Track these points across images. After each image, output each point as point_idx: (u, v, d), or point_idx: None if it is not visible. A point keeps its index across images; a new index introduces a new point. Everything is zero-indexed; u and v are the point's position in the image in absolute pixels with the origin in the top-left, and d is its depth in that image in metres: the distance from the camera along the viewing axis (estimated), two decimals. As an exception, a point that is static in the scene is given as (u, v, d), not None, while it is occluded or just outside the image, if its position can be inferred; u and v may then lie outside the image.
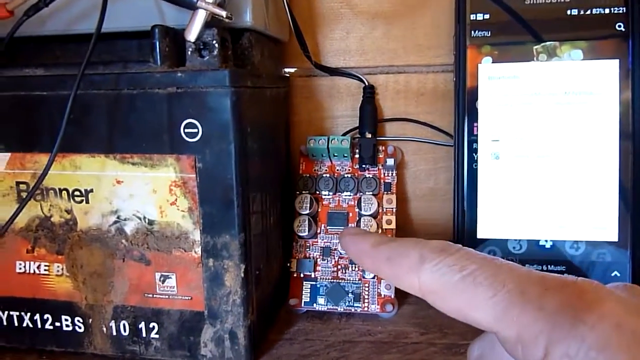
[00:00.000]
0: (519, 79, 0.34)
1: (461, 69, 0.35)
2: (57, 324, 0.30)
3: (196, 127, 0.26)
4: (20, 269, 0.30)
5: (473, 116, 0.35)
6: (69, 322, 0.30)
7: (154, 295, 0.29)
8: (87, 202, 0.28)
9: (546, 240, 0.34)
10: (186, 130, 0.26)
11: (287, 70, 0.39)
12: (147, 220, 0.28)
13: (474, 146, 0.35)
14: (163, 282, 0.28)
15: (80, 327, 0.30)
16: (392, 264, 0.20)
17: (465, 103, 0.35)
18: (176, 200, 0.27)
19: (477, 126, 0.35)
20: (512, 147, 0.34)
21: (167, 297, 0.28)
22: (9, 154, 0.29)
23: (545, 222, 0.34)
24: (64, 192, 0.28)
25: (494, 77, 0.34)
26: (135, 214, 0.28)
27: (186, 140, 0.26)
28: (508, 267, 0.17)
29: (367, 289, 0.35)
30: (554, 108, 0.34)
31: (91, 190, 0.28)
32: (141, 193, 0.27)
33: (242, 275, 0.27)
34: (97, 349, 0.30)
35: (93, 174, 0.28)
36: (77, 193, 0.28)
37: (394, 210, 0.36)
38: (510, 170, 0.34)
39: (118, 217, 0.28)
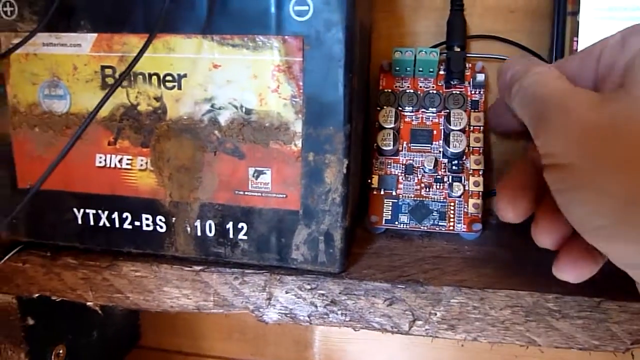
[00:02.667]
0: (625, -10, 0.32)
1: (563, -22, 0.32)
2: (137, 223, 0.29)
3: (307, 4, 0.24)
4: (100, 162, 0.28)
5: (574, 31, 0.32)
6: (149, 222, 0.28)
7: (246, 193, 0.27)
8: (180, 88, 0.26)
9: None
10: (296, 8, 0.24)
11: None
12: (244, 109, 0.26)
13: (572, 62, 0.33)
14: (257, 178, 0.27)
15: (161, 227, 0.28)
16: None
17: (565, 15, 0.33)
18: (278, 87, 0.25)
19: (577, 41, 0.32)
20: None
21: (259, 194, 0.27)
22: (96, 34, 0.27)
23: None
24: (154, 77, 0.26)
25: (598, -12, 0.32)
26: (232, 102, 0.26)
27: (295, 20, 0.24)
28: None
29: (452, 207, 0.33)
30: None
31: (184, 75, 0.26)
32: (240, 78, 0.26)
33: (345, 171, 0.26)
34: (178, 250, 0.29)
35: (188, 57, 0.26)
36: (168, 78, 0.26)
37: (482, 128, 0.34)
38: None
39: (212, 106, 0.26)
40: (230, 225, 0.27)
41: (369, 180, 0.34)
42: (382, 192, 0.34)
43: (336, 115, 0.25)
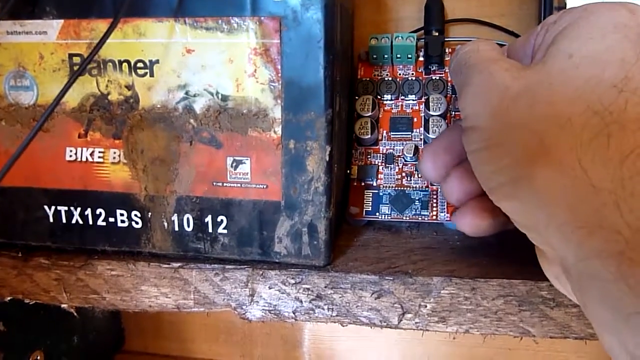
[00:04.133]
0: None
1: (549, -41, 0.32)
2: (111, 219, 0.27)
3: (283, -17, 0.23)
4: (70, 156, 0.27)
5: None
6: (124, 217, 0.27)
7: (224, 184, 0.26)
8: (152, 75, 0.25)
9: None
10: (271, -13, 0.23)
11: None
12: (220, 96, 0.25)
13: (560, 45, 0.32)
14: (235, 168, 0.25)
15: (137, 223, 0.27)
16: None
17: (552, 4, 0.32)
18: (255, 71, 0.24)
19: (564, 23, 0.32)
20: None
21: (239, 185, 0.25)
22: (62, 20, 0.25)
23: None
24: (124, 64, 0.25)
25: (585, -32, 0.31)
26: (207, 89, 0.25)
27: (271, 0, 0.23)
28: None
29: (435, 196, 0.32)
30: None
31: (157, 62, 0.25)
32: (215, 63, 0.24)
33: (327, 158, 0.24)
34: (155, 247, 0.27)
35: (159, 42, 0.25)
36: (140, 65, 0.25)
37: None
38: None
39: (187, 93, 0.25)
40: (209, 218, 0.26)
41: (348, 171, 0.33)
42: (362, 183, 0.33)
43: (317, 100, 0.24)
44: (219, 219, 0.26)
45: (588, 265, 0.17)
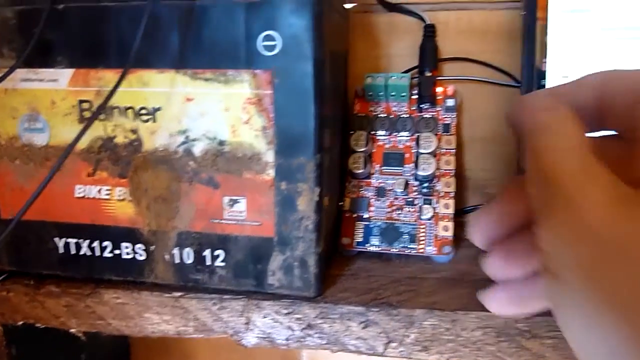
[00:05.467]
0: (590, 12, 0.33)
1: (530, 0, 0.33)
2: (117, 251, 0.29)
3: (274, 39, 0.25)
4: (79, 193, 0.29)
5: (542, 52, 0.33)
6: (129, 250, 0.29)
7: (221, 221, 0.27)
8: (155, 121, 0.27)
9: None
10: (264, 43, 0.25)
11: (345, 5, 0.37)
12: (217, 141, 0.27)
13: (541, 83, 0.33)
14: (231, 206, 0.27)
15: (141, 255, 0.29)
16: None
17: (535, 37, 0.33)
18: (249, 118, 0.26)
19: (545, 62, 0.33)
20: (585, 84, 0.33)
21: (235, 222, 0.27)
22: (73, 69, 0.27)
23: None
24: (129, 110, 0.27)
25: (565, 10, 0.33)
26: (206, 134, 0.27)
27: (263, 54, 0.25)
28: None
29: (423, 230, 0.33)
30: (630, 44, 0.32)
31: (159, 109, 0.27)
32: (213, 111, 0.26)
33: (317, 199, 0.26)
34: (158, 277, 0.29)
35: (162, 91, 0.27)
36: (143, 111, 0.27)
37: (453, 152, 0.34)
38: (581, 108, 0.33)
39: (187, 137, 0.27)
40: (207, 252, 0.28)
41: (341, 203, 0.34)
42: (353, 215, 0.34)
43: (307, 146, 0.26)
44: (216, 253, 0.28)
45: None
